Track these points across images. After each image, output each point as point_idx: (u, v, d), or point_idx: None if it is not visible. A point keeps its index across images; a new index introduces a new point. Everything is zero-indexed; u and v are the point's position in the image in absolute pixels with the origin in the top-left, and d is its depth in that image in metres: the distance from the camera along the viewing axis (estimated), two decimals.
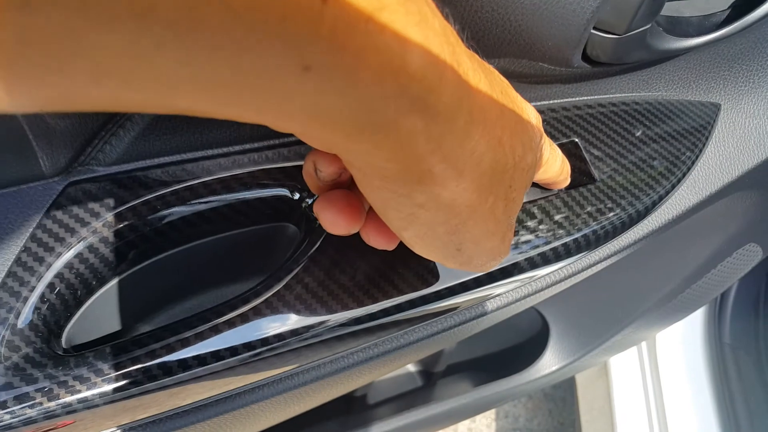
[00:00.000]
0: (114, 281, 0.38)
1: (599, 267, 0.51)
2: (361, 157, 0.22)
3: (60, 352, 0.33)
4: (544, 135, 0.33)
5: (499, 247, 0.29)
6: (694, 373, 1.06)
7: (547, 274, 0.46)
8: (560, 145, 0.45)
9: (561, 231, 0.43)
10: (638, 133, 0.47)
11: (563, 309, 0.77)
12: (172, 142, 0.37)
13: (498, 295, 0.44)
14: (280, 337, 0.36)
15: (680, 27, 0.43)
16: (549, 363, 0.81)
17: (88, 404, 0.32)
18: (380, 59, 0.18)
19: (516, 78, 0.43)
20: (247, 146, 0.40)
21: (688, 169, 0.49)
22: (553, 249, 0.43)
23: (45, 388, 0.31)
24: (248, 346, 0.35)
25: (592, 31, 0.38)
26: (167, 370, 0.34)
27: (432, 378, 0.85)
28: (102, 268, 0.37)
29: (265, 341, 0.36)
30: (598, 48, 0.39)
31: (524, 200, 0.44)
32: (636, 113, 0.48)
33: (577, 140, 0.46)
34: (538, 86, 0.45)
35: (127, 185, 0.37)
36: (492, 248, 0.29)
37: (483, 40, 0.38)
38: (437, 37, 0.20)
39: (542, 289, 0.47)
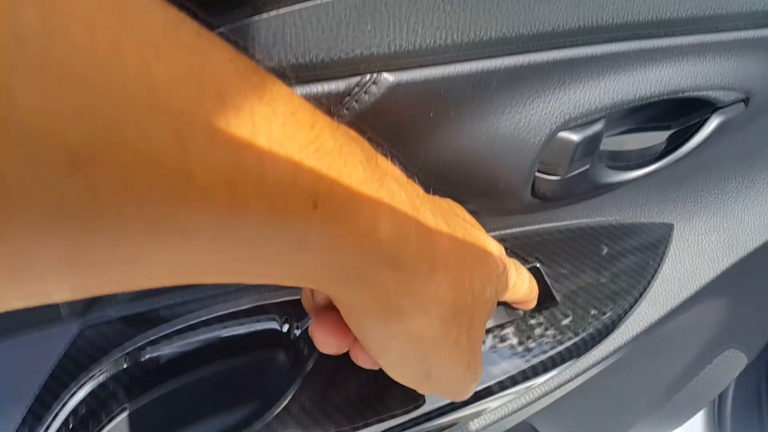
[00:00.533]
0: (122, 415, 0.40)
1: (574, 383, 0.53)
2: (345, 297, 0.27)
3: None
4: (509, 261, 0.37)
5: (465, 373, 0.33)
6: None
7: (517, 393, 0.48)
8: None
9: (527, 353, 0.46)
10: (596, 255, 0.51)
11: (557, 422, 0.78)
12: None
13: (467, 416, 0.46)
14: None
15: (622, 160, 0.48)
16: None
17: None
18: (357, 233, 0.22)
19: (479, 212, 0.47)
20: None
21: (646, 286, 0.52)
22: (522, 371, 0.46)
23: None
24: None
25: (537, 174, 0.43)
26: None
27: None
28: (111, 403, 0.39)
29: None
30: (544, 187, 0.44)
31: (491, 324, 0.46)
32: (592, 237, 0.52)
33: (538, 265, 0.50)
34: (499, 217, 0.49)
35: (137, 325, 0.40)
36: (458, 374, 0.32)
37: (445, 184, 0.42)
38: (402, 207, 0.25)
39: (518, 409, 0.49)
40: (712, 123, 0.47)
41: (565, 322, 0.48)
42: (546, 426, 0.78)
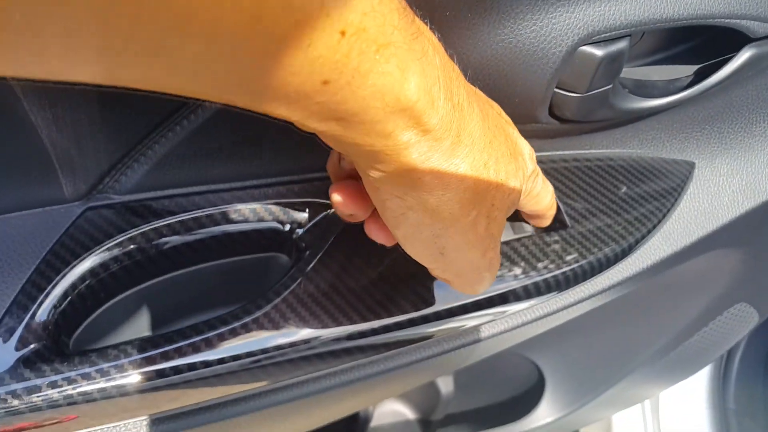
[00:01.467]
0: (120, 297, 0.42)
1: (578, 310, 0.54)
2: (366, 161, 0.27)
3: (67, 352, 0.38)
4: (539, 171, 0.38)
5: (480, 260, 0.33)
6: None
7: (521, 311, 0.49)
8: None
9: (533, 271, 0.46)
10: (613, 185, 0.51)
11: (559, 360, 0.79)
12: (181, 175, 0.42)
13: (472, 328, 0.47)
14: (265, 351, 0.40)
15: (646, 89, 0.47)
16: (545, 414, 0.82)
17: (88, 398, 0.36)
18: (383, 82, 0.22)
19: None
20: (247, 183, 0.44)
21: (661, 219, 0.52)
22: (524, 287, 0.46)
23: (51, 380, 0.35)
24: (234, 357, 0.39)
25: (556, 89, 0.42)
26: (160, 372, 0.37)
27: (429, 426, 0.87)
28: (111, 284, 0.41)
29: (250, 354, 0.39)
30: (562, 106, 0.43)
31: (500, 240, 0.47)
32: (610, 167, 0.52)
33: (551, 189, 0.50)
34: None
35: (139, 212, 0.41)
36: (473, 260, 0.33)
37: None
38: (434, 71, 0.24)
39: (517, 326, 0.50)
40: (743, 56, 0.46)
41: (574, 245, 0.48)
42: (548, 364, 0.80)
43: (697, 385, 1.09)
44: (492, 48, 0.39)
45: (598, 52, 0.40)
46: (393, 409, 0.89)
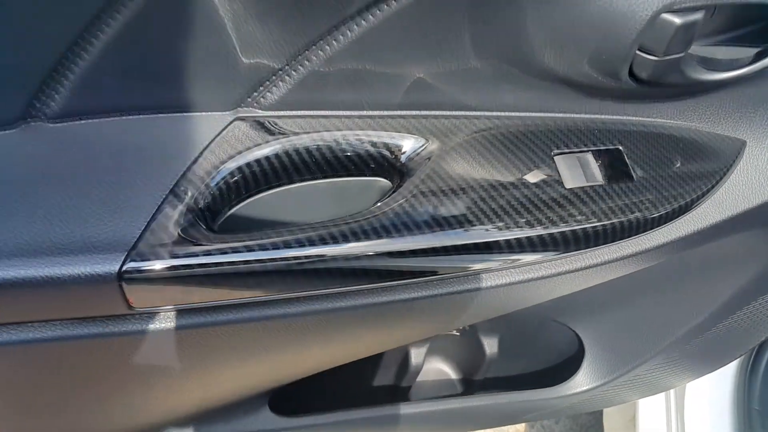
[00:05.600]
0: (253, 198, 0.50)
1: (625, 266, 0.60)
2: None
3: (215, 230, 0.46)
4: None
5: None
6: None
7: (576, 256, 0.55)
8: (606, 150, 0.56)
9: (593, 218, 0.53)
10: (673, 150, 0.58)
11: (598, 329, 0.85)
12: (315, 97, 0.50)
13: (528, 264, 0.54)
14: (362, 255, 0.47)
15: (711, 64, 0.54)
16: (582, 381, 0.87)
17: (232, 269, 0.44)
18: None
19: (578, 88, 0.54)
20: (368, 112, 0.52)
21: (711, 188, 0.58)
22: (584, 230, 0.52)
23: (205, 248, 0.43)
24: (336, 256, 0.46)
25: (637, 52, 0.49)
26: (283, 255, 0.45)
27: (470, 385, 0.93)
28: (246, 185, 0.49)
29: (348, 256, 0.46)
30: (641, 67, 0.50)
31: (569, 186, 0.53)
32: (671, 135, 0.59)
33: (621, 147, 0.56)
34: (593, 100, 0.56)
35: (279, 128, 0.49)
36: None
37: (560, 46, 0.49)
38: None
39: (575, 270, 0.56)
40: None
41: (633, 200, 0.54)
42: (587, 332, 0.86)
43: (723, 383, 1.13)
44: (590, 4, 0.46)
45: (677, 19, 0.47)
46: (437, 367, 0.95)
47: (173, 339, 0.47)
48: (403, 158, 0.52)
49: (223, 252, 0.43)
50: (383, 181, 0.53)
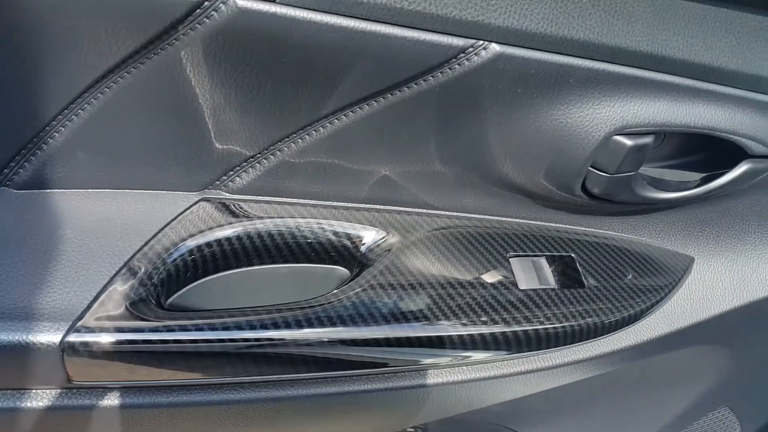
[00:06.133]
0: (209, 277, 0.50)
1: (573, 373, 0.61)
2: None
3: (166, 306, 0.46)
4: None
5: None
6: None
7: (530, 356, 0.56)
8: (559, 257, 0.58)
9: (545, 320, 0.54)
10: (624, 262, 0.60)
11: None
12: (281, 186, 0.51)
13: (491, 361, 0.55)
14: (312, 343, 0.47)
15: (661, 185, 0.57)
16: None
17: (178, 348, 0.43)
18: None
19: (535, 198, 0.57)
20: (329, 203, 0.54)
21: (660, 300, 0.60)
22: (536, 331, 0.53)
23: (153, 325, 0.43)
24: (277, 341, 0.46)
25: (590, 168, 0.52)
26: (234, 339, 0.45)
27: None
28: (204, 265, 0.49)
29: (298, 342, 0.47)
30: (593, 182, 0.53)
31: (522, 288, 0.55)
32: (622, 248, 0.61)
33: (573, 255, 0.59)
34: (549, 209, 0.59)
35: (243, 211, 0.51)
36: None
37: (516, 161, 0.52)
38: None
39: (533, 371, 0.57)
40: (741, 168, 0.56)
41: (585, 306, 0.56)
42: None
43: None
44: (547, 124, 0.49)
45: (629, 141, 0.50)
46: None
47: (111, 418, 0.46)
48: (363, 249, 0.53)
49: (170, 329, 0.43)
50: (342, 270, 0.54)
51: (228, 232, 0.50)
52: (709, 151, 0.60)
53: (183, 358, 0.44)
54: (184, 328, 0.44)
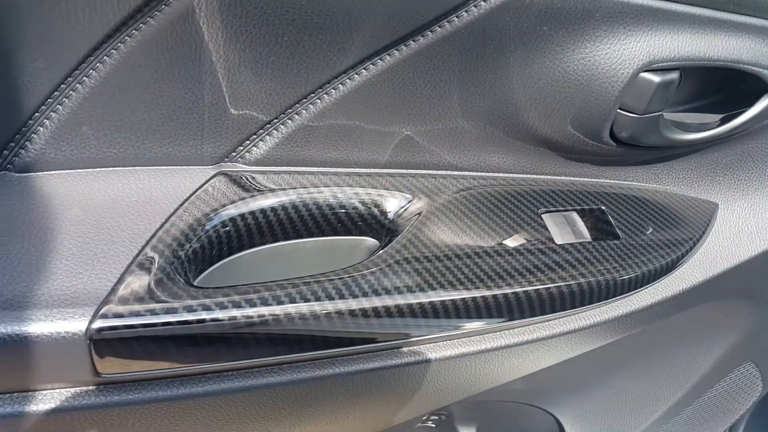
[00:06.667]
0: (234, 257, 0.47)
1: (614, 330, 0.59)
2: None
3: (194, 284, 0.42)
4: None
5: None
6: None
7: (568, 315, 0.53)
8: (590, 210, 0.56)
9: (587, 274, 0.51)
10: (651, 212, 0.58)
11: (577, 412, 0.82)
12: (302, 153, 0.48)
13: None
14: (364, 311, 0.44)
15: (684, 127, 0.56)
16: None
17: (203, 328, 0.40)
18: None
19: (561, 150, 0.55)
20: (355, 170, 0.51)
21: (692, 248, 0.58)
22: (579, 285, 0.51)
23: (184, 303, 0.39)
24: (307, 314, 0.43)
25: (618, 110, 0.51)
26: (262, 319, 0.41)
27: None
28: (228, 244, 0.46)
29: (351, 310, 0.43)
30: (622, 126, 0.52)
31: (559, 243, 0.53)
32: (648, 198, 0.60)
33: (603, 208, 0.57)
34: (574, 163, 0.57)
35: (262, 184, 0.47)
36: None
37: (543, 106, 0.50)
38: None
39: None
40: (763, 102, 0.55)
41: (623, 259, 0.54)
42: (568, 417, 0.83)
43: None
44: (573, 64, 0.47)
45: (656, 78, 0.49)
46: None
47: (148, 414, 0.41)
48: (390, 215, 0.50)
49: (206, 307, 0.40)
50: (370, 240, 0.51)
51: (250, 206, 0.47)
52: (728, 92, 0.59)
53: (221, 340, 0.41)
54: (221, 305, 0.40)
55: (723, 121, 0.57)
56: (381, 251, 0.48)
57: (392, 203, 0.51)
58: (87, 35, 0.39)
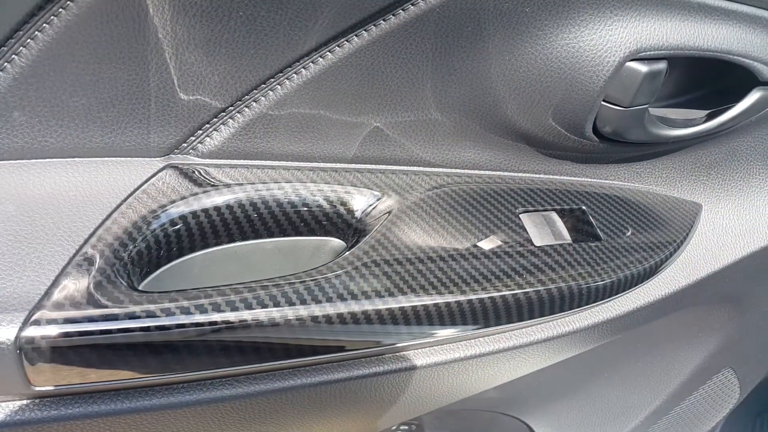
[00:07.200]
0: (188, 256, 0.42)
1: (599, 334, 0.56)
2: None
3: (139, 288, 0.37)
4: None
5: None
6: None
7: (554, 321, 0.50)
8: (569, 210, 0.53)
9: (559, 281, 0.48)
10: (633, 213, 0.55)
11: (552, 421, 0.79)
12: (259, 146, 0.44)
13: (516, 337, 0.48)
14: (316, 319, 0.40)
15: (669, 122, 0.53)
16: None
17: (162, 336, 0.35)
18: None
19: (541, 145, 0.52)
20: (320, 164, 0.47)
21: (675, 250, 0.56)
22: (559, 290, 0.48)
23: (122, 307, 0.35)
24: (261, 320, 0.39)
25: (603, 103, 0.48)
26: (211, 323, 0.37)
27: None
28: (178, 244, 0.41)
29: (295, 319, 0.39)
30: (606, 120, 0.48)
31: (538, 245, 0.49)
32: (630, 199, 0.57)
33: (584, 208, 0.53)
34: (554, 160, 0.54)
35: (214, 178, 0.43)
36: None
37: (524, 95, 0.47)
38: None
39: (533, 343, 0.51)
40: (753, 96, 0.53)
41: (604, 262, 0.51)
42: (542, 425, 0.80)
43: None
44: (557, 50, 0.44)
45: (643, 68, 0.46)
46: None
47: (86, 430, 0.37)
48: (358, 214, 0.46)
49: (151, 314, 0.35)
50: (335, 241, 0.47)
51: (202, 203, 0.42)
52: (715, 86, 0.56)
53: (168, 350, 0.36)
54: (167, 312, 0.36)
55: (709, 117, 0.54)
56: (347, 253, 0.44)
57: (360, 201, 0.47)
58: (15, 7, 0.35)
